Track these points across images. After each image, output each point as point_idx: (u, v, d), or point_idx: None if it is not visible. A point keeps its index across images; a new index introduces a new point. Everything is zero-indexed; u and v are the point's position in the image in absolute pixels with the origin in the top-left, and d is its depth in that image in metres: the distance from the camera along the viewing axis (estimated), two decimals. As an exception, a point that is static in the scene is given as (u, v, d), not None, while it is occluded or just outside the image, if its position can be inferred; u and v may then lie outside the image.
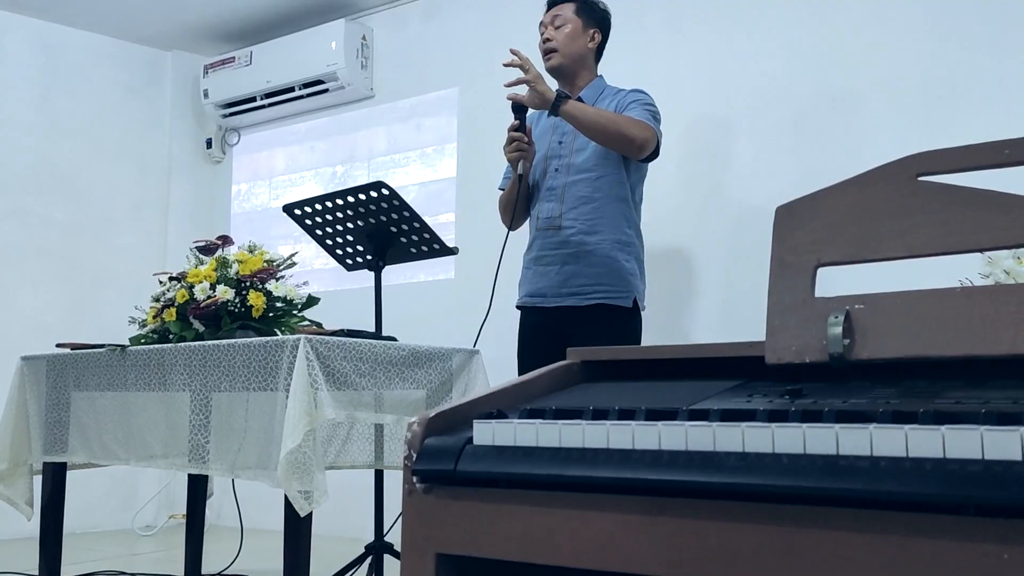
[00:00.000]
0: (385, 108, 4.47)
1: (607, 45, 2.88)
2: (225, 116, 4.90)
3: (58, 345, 2.91)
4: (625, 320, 2.66)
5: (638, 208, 2.80)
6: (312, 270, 4.35)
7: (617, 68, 3.56)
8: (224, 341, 2.41)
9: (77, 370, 2.78)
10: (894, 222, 1.09)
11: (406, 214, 2.92)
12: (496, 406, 1.10)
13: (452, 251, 3.10)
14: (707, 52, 3.53)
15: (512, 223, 2.84)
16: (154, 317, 2.71)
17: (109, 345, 2.70)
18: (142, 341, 2.70)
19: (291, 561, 2.30)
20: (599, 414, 0.96)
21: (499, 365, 3.07)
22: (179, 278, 2.72)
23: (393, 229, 2.98)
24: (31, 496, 2.89)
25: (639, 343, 2.71)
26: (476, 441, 0.96)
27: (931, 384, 1.00)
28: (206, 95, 4.85)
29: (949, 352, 0.99)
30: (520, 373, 2.81)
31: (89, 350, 2.77)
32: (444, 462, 0.94)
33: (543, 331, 2.74)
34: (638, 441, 0.86)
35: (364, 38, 4.45)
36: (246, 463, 2.39)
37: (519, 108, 2.67)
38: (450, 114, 4.25)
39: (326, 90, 4.50)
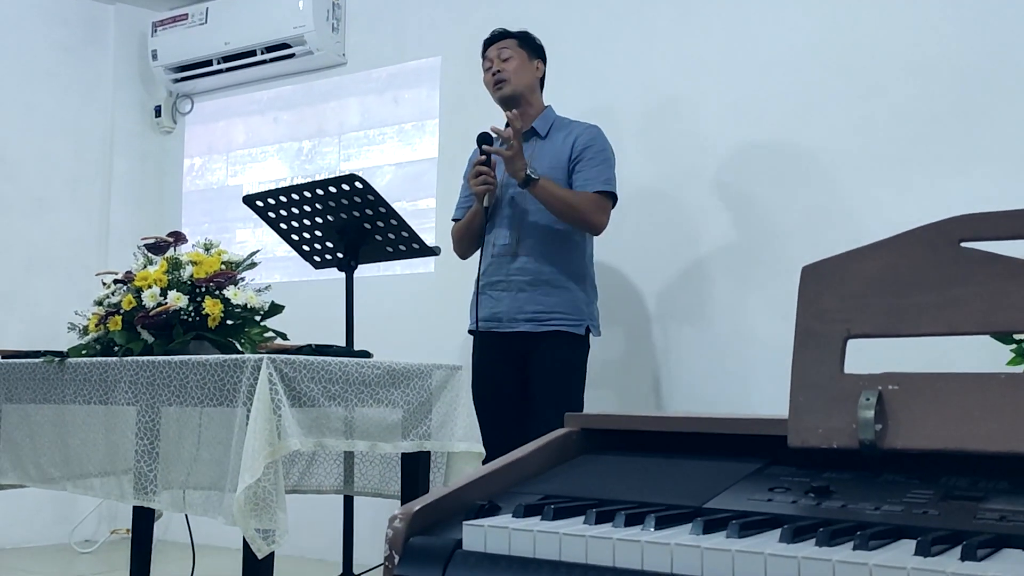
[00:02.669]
0: (358, 77, 4.43)
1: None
2: (176, 81, 4.85)
3: (-12, 352, 2.89)
4: (577, 346, 3.11)
5: (592, 238, 3.22)
6: (274, 258, 4.34)
7: (621, 58, 3.58)
8: (176, 357, 2.40)
9: (10, 381, 2.77)
10: (933, 293, 1.10)
11: (382, 210, 2.91)
12: (488, 490, 1.11)
13: (433, 251, 3.11)
14: (715, 46, 3.52)
15: (468, 253, 3.32)
16: (97, 324, 2.69)
17: (46, 354, 2.69)
18: (83, 352, 2.69)
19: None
20: (604, 516, 0.97)
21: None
22: (125, 280, 2.70)
23: (367, 226, 2.98)
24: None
25: (585, 368, 3.14)
26: (466, 546, 0.96)
27: (972, 484, 1.02)
28: (155, 56, 4.79)
29: (991, 448, 1.00)
30: (475, 396, 2.95)
31: (24, 359, 2.75)
32: (430, 568, 0.95)
33: (498, 354, 3.11)
34: (648, 560, 0.87)
35: (336, -3, 4.42)
36: (196, 497, 2.39)
37: (485, 141, 3.05)
38: (432, 86, 4.23)
39: (292, 55, 4.46)
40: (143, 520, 3.20)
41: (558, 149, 3.16)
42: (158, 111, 5.00)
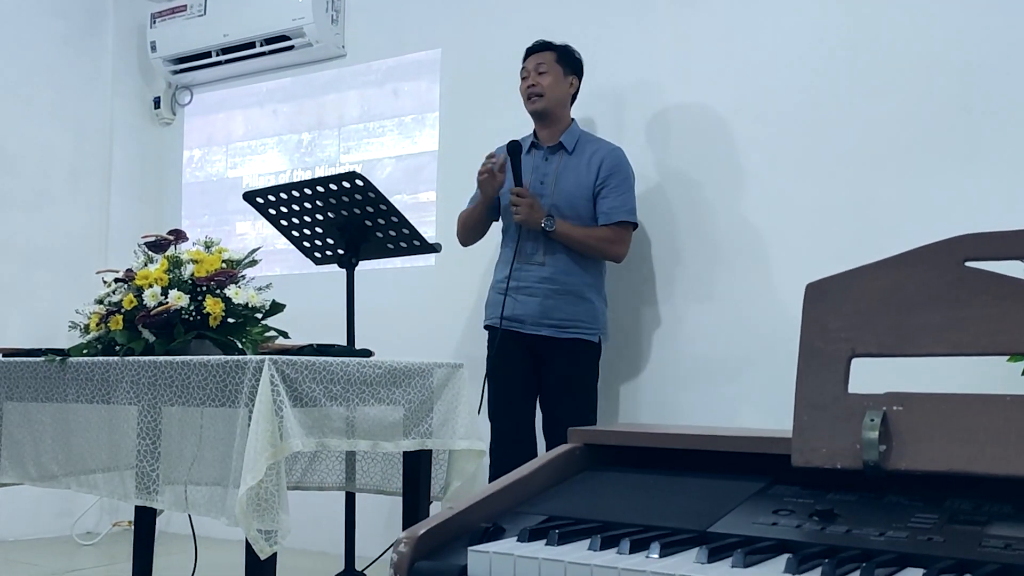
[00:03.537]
0: (358, 69, 4.41)
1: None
2: (175, 72, 4.83)
3: (-11, 350, 2.89)
4: (591, 352, 3.33)
5: None
6: (275, 250, 4.33)
7: (622, 52, 3.55)
8: (178, 358, 2.40)
9: (10, 380, 2.77)
10: (938, 313, 1.10)
11: (383, 207, 2.91)
12: (493, 509, 1.11)
13: (434, 248, 3.10)
14: (722, 30, 3.51)
15: (469, 241, 3.53)
16: (98, 323, 2.69)
17: (48, 352, 2.69)
18: (84, 351, 2.69)
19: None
20: (608, 541, 0.97)
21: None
22: (126, 279, 2.70)
23: (368, 223, 2.97)
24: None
25: (598, 372, 3.37)
26: (471, 572, 0.97)
27: (976, 508, 1.02)
28: (153, 48, 4.77)
29: (995, 471, 1.00)
30: (492, 387, 3.29)
31: (25, 358, 2.75)
32: (435, 594, 0.95)
33: (515, 351, 3.30)
34: (653, 591, 0.87)
35: (335, -12, 4.39)
36: (198, 496, 2.39)
37: (515, 150, 3.22)
38: (432, 79, 4.21)
39: (291, 47, 4.44)
40: (145, 513, 3.21)
41: (583, 168, 3.33)
42: (157, 103, 4.98)
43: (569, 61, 3.40)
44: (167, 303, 2.56)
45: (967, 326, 1.08)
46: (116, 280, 2.73)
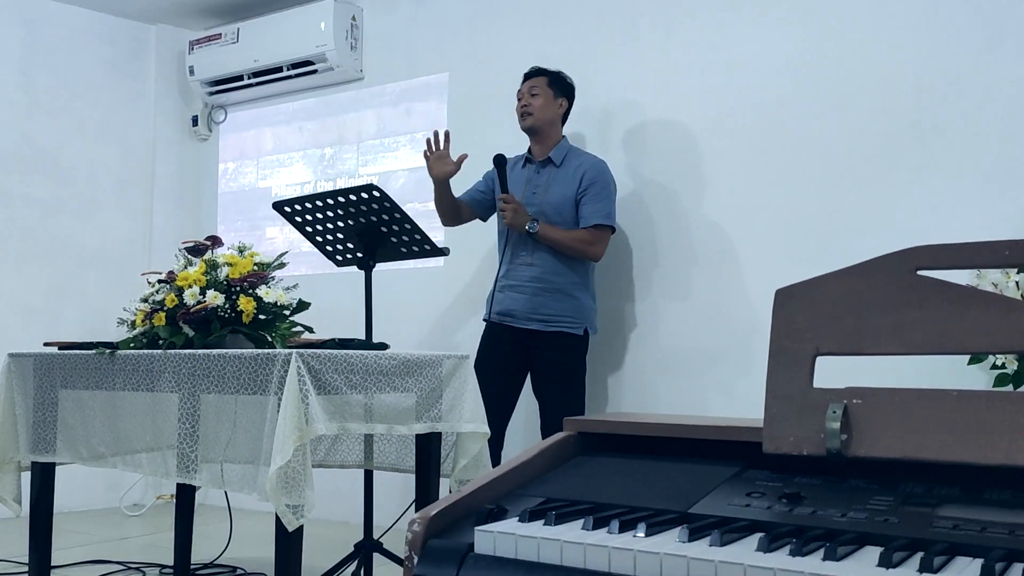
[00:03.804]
0: (374, 91, 4.41)
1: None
2: (211, 94, 4.82)
3: (45, 344, 2.89)
4: (576, 344, 3.34)
5: None
6: (301, 252, 4.33)
7: (609, 75, 3.52)
8: (214, 351, 2.40)
9: (65, 370, 2.77)
10: (892, 316, 1.10)
11: (397, 215, 2.91)
12: (498, 491, 1.11)
13: (443, 252, 3.10)
14: (697, 56, 3.51)
15: (444, 221, 3.61)
16: (143, 320, 2.69)
17: (98, 345, 2.69)
18: (131, 344, 2.69)
19: (283, 561, 2.31)
20: (600, 522, 0.97)
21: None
22: (168, 280, 2.70)
23: (384, 229, 2.97)
24: (19, 492, 2.88)
25: (584, 361, 3.36)
26: (477, 549, 0.97)
27: (928, 491, 1.02)
28: (192, 72, 4.77)
29: (944, 457, 1.00)
30: (479, 375, 3.20)
31: (79, 351, 2.75)
32: (446, 568, 0.95)
33: (507, 343, 3.35)
34: (640, 567, 0.87)
35: (353, 19, 4.38)
36: (233, 474, 2.40)
37: (501, 162, 3.29)
38: (440, 99, 4.21)
39: (315, 71, 4.43)
40: (185, 488, 3.22)
41: (569, 179, 3.35)
42: (195, 121, 4.97)
43: (560, 85, 3.42)
44: (205, 302, 2.56)
45: (917, 329, 1.08)
46: (159, 281, 2.73)
